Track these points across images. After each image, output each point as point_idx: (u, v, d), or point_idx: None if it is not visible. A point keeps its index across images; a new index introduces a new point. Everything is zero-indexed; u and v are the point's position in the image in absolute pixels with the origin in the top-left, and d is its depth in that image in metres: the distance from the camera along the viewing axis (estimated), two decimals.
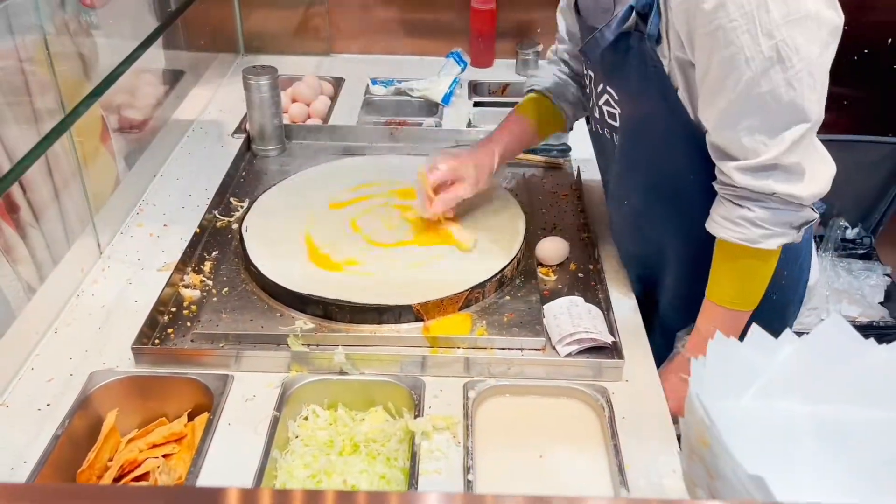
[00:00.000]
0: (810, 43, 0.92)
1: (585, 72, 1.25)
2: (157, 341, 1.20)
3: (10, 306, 1.19)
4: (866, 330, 2.14)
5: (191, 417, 1.16)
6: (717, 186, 1.07)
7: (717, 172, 1.07)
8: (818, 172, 1.01)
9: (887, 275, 2.37)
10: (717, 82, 0.97)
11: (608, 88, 1.17)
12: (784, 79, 0.93)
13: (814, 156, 1.01)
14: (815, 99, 0.96)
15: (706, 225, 1.10)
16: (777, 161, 0.98)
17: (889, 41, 2.23)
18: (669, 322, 1.29)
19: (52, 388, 1.13)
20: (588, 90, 1.26)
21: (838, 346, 0.65)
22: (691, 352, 1.13)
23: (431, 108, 2.02)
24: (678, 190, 1.17)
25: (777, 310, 1.15)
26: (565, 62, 1.40)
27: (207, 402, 1.14)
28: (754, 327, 0.67)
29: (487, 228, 1.39)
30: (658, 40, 1.03)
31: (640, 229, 1.28)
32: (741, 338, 1.00)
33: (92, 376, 1.14)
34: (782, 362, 0.65)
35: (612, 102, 1.17)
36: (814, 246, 1.30)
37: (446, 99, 2.00)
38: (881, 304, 2.25)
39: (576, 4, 1.25)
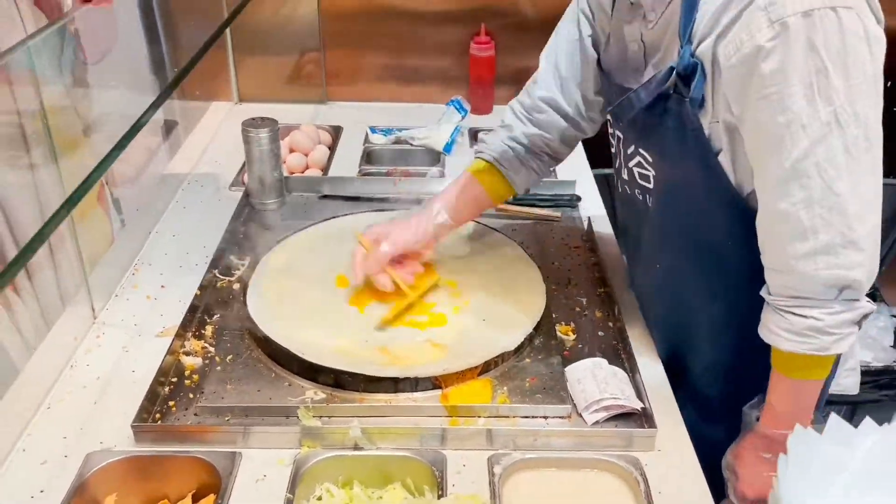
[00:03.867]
0: (868, 107, 0.88)
1: (612, 131, 1.21)
2: (157, 416, 1.13)
3: (13, 363, 1.12)
4: (882, 375, 2.10)
5: (195, 499, 1.08)
6: (771, 299, 1.00)
7: (769, 278, 1.00)
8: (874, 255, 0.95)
9: (894, 316, 2.34)
10: (772, 149, 0.92)
11: (640, 150, 1.13)
12: (842, 145, 0.89)
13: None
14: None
15: (761, 333, 1.03)
16: (840, 237, 0.92)
17: (888, 84, 2.22)
18: (702, 391, 1.23)
19: (46, 472, 1.05)
20: (615, 150, 1.22)
21: None
22: (767, 427, 1.06)
23: (433, 156, 1.98)
24: (717, 254, 1.12)
25: None
26: (533, 114, 1.30)
27: (214, 482, 1.06)
28: (833, 418, 0.62)
29: (504, 290, 1.34)
30: (701, 104, 0.99)
31: (674, 293, 1.23)
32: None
33: (88, 458, 1.06)
34: (865, 455, 0.60)
35: (646, 164, 1.13)
36: None
37: (448, 147, 1.96)
38: (892, 346, 2.21)
39: (598, 60, 1.21)
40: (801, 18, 0.86)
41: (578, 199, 1.70)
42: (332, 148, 2.03)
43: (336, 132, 2.11)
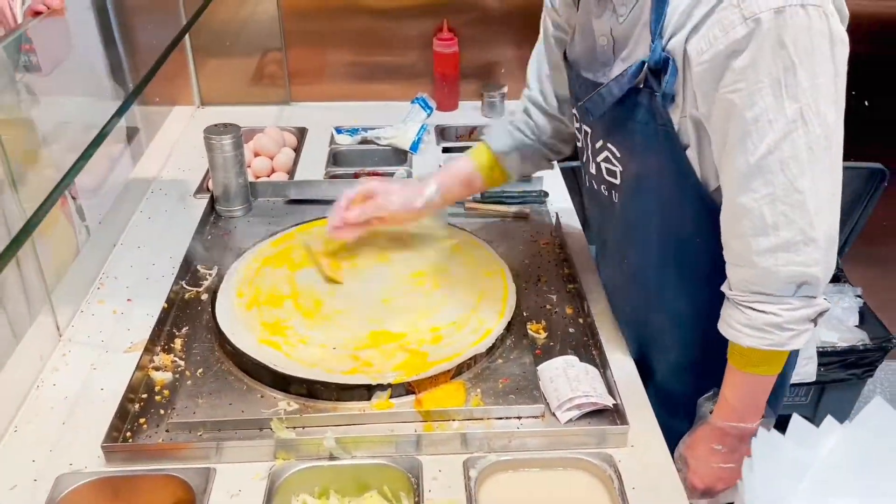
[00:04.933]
0: (829, 106, 0.89)
1: (579, 126, 1.22)
2: (128, 434, 1.11)
3: None
4: (847, 355, 2.14)
5: None
6: (731, 294, 1.02)
7: (729, 273, 1.02)
8: (832, 253, 0.98)
9: (858, 296, 2.38)
10: (737, 144, 0.93)
11: (609, 145, 1.13)
12: (806, 143, 0.90)
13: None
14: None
15: (720, 328, 1.05)
16: (801, 234, 0.94)
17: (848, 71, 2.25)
18: (669, 387, 1.25)
19: (16, 497, 1.03)
20: (581, 145, 1.22)
21: (883, 431, 0.62)
22: (720, 419, 1.09)
23: (400, 156, 1.97)
24: (683, 250, 1.13)
25: None
26: (528, 112, 1.36)
27: (188, 499, 1.05)
28: (795, 418, 0.63)
29: (474, 290, 1.35)
30: (672, 99, 1.00)
31: (641, 289, 1.24)
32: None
33: (59, 481, 1.04)
34: (828, 455, 0.61)
35: (613, 160, 1.14)
36: None
37: (415, 146, 1.95)
38: (857, 326, 2.25)
39: (564, 53, 1.21)
40: (774, 15, 0.86)
41: (546, 194, 1.71)
42: (297, 150, 2.01)
43: (301, 134, 2.09)
